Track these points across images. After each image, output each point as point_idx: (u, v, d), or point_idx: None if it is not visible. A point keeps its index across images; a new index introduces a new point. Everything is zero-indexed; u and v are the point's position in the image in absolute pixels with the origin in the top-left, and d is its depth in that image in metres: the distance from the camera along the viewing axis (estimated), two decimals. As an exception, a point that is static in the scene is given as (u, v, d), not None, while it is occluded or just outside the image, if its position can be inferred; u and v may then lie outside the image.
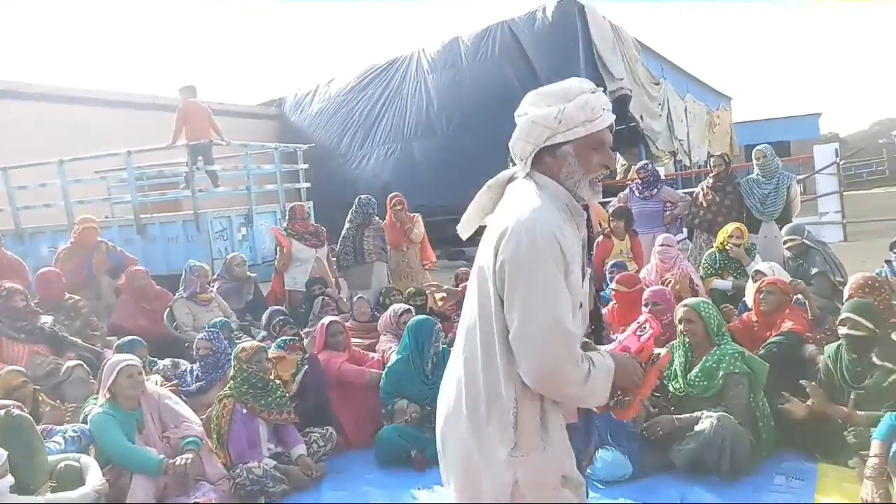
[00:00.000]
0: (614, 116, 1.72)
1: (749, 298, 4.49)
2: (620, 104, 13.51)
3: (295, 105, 17.29)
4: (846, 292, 3.84)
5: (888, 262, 4.66)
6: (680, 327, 3.45)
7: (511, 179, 1.71)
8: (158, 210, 9.22)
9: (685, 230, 6.60)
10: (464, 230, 1.76)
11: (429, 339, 3.91)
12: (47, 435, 3.33)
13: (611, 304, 4.64)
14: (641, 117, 14.20)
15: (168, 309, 5.58)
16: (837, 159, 11.23)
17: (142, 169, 9.27)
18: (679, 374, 3.43)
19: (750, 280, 4.54)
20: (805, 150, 16.64)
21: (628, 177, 18.68)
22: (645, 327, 1.76)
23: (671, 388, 3.47)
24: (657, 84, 15.39)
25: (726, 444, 3.00)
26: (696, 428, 3.12)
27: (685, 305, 3.49)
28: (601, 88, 1.79)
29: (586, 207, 1.73)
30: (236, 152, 9.56)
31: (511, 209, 1.58)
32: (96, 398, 3.78)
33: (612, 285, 4.62)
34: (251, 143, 9.67)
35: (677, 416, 3.26)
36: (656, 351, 1.77)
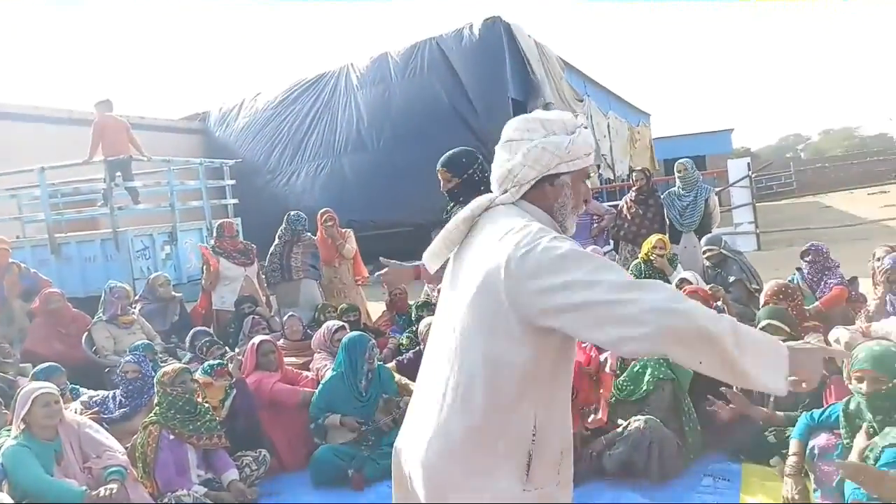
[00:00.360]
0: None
1: None
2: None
3: (220, 119, 16.91)
4: (762, 299, 4.05)
5: (799, 269, 4.94)
6: None
7: (489, 207, 1.61)
8: (74, 229, 8.82)
9: (611, 242, 6.81)
10: (431, 264, 1.65)
11: (362, 356, 3.88)
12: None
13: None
14: None
15: (86, 333, 5.33)
16: (750, 173, 11.87)
17: (56, 186, 8.84)
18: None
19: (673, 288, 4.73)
20: (719, 164, 17.48)
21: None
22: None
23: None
24: (581, 101, 15.89)
25: (654, 447, 3.11)
26: (624, 433, 3.22)
27: None
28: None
29: None
30: (158, 168, 9.25)
31: (505, 231, 1.46)
32: (9, 430, 3.56)
33: None
34: (174, 158, 9.39)
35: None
36: (602, 356, 1.85)
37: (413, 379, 4.23)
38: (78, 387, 4.34)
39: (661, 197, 6.31)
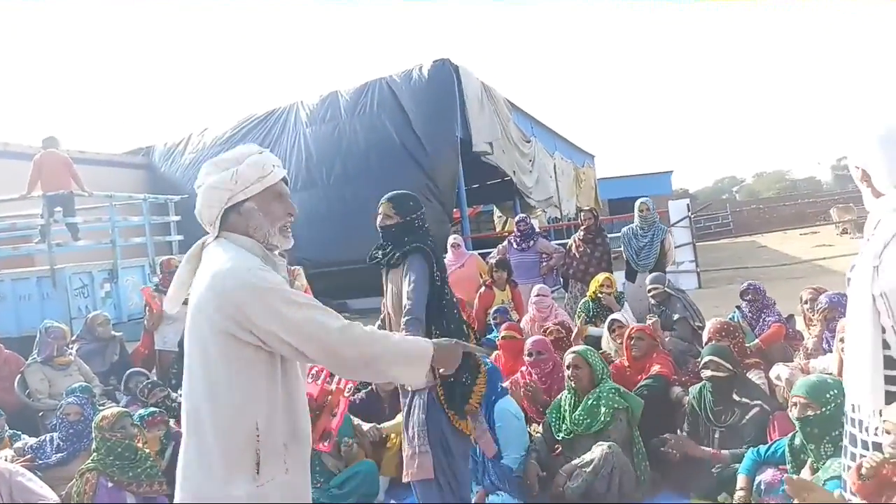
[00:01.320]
0: (285, 171, 1.87)
1: (605, 346, 4.76)
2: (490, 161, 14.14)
3: (166, 154, 16.60)
4: (704, 336, 4.17)
5: (738, 307, 5.11)
6: (568, 372, 3.60)
7: (205, 245, 1.78)
8: (9, 266, 8.43)
9: (561, 280, 6.93)
10: (171, 305, 1.83)
11: None
12: None
13: (495, 353, 4.75)
14: (514, 172, 14.89)
15: (19, 375, 5.06)
16: (690, 213, 12.28)
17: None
18: (567, 416, 3.56)
19: (605, 329, 4.80)
20: (660, 205, 18.05)
21: (505, 229, 19.47)
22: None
23: (558, 432, 3.59)
24: (528, 142, 16.26)
25: (615, 473, 3.14)
26: (587, 457, 3.25)
27: (573, 352, 3.65)
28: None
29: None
30: (100, 203, 8.98)
31: (207, 271, 1.66)
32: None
33: (502, 332, 4.74)
34: (117, 193, 9.14)
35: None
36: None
37: (365, 419, 4.19)
38: (19, 432, 4.13)
39: (616, 236, 6.46)
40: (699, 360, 3.61)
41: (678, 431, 3.54)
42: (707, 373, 3.41)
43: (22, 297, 7.23)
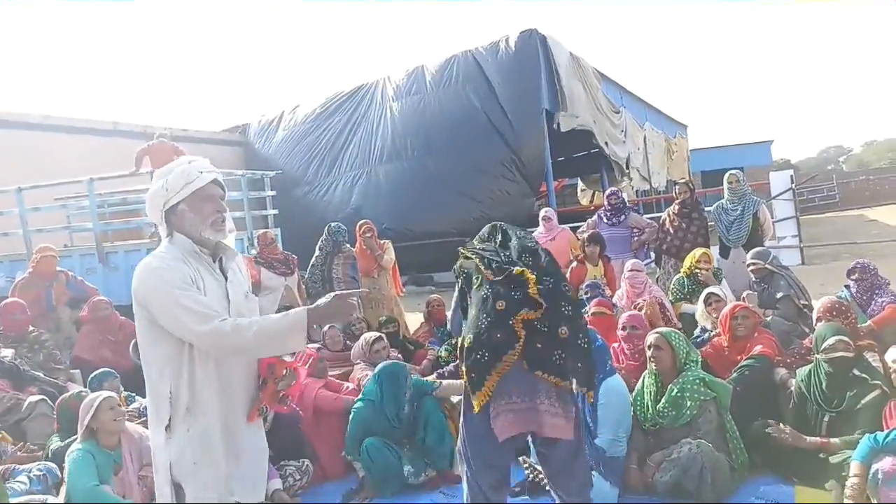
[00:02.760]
0: (216, 174, 2.17)
1: (701, 320, 4.57)
2: (582, 131, 13.82)
3: (260, 131, 17.21)
4: (815, 315, 3.94)
5: (847, 286, 4.79)
6: (648, 353, 3.49)
7: None
8: (121, 238, 9.01)
9: (652, 255, 6.72)
10: None
11: (402, 388, 3.87)
12: (10, 475, 3.19)
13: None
14: (607, 143, 14.51)
15: (134, 340, 5.41)
16: (793, 185, 11.62)
17: (103, 196, 9.06)
18: (650, 404, 3.46)
19: (701, 303, 4.61)
20: (758, 177, 17.17)
21: (592, 203, 19.06)
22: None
23: (644, 422, 3.50)
24: (617, 112, 15.77)
25: (706, 472, 3.01)
26: (674, 455, 3.15)
27: (657, 332, 3.53)
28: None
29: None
30: (202, 179, 9.43)
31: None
32: (59, 436, 3.64)
33: (592, 309, 4.66)
34: (218, 169, 9.55)
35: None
36: None
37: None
38: (133, 394, 4.40)
39: (709, 210, 6.20)
40: (807, 339, 3.41)
41: (782, 415, 3.37)
42: (836, 354, 3.20)
43: (134, 267, 7.67)
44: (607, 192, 7.17)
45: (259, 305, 6.23)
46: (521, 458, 3.58)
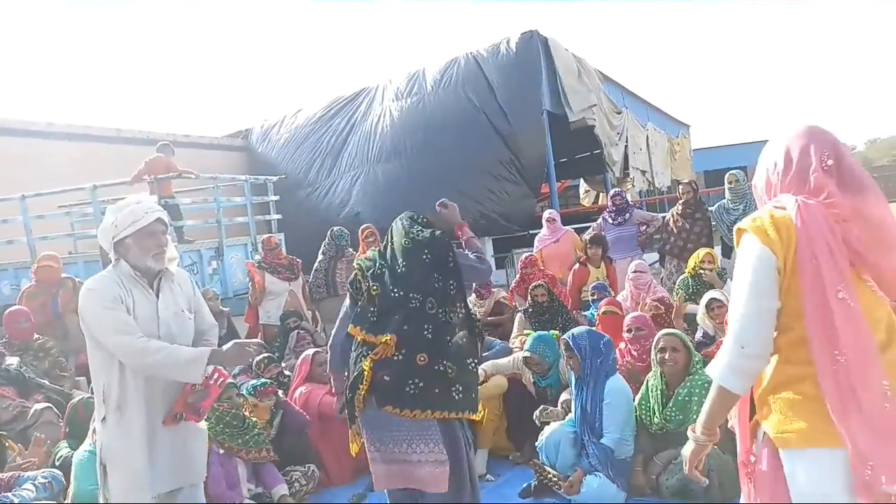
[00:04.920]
0: (159, 213, 2.55)
1: (701, 323, 4.56)
2: (587, 132, 13.81)
3: (262, 136, 17.20)
4: None
5: None
6: (661, 356, 3.47)
7: None
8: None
9: (657, 255, 6.72)
10: None
11: None
12: (15, 483, 3.20)
13: (595, 327, 4.68)
14: (605, 144, 14.49)
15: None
16: (796, 184, 11.57)
17: (107, 203, 9.07)
18: (656, 407, 3.45)
19: (702, 306, 4.59)
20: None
21: (597, 203, 19.02)
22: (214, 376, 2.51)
23: (650, 426, 3.49)
24: (619, 113, 15.74)
25: (713, 474, 2.99)
26: (680, 457, 3.13)
27: (670, 334, 3.51)
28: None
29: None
30: (205, 184, 9.44)
31: None
32: (66, 442, 3.65)
33: (602, 308, 4.66)
34: (221, 175, 9.57)
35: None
36: None
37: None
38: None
39: (711, 210, 6.18)
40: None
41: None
42: None
43: (138, 274, 7.67)
44: (611, 192, 7.18)
45: (264, 310, 6.27)
46: (532, 461, 3.59)
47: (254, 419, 3.79)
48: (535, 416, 3.79)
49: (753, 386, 1.72)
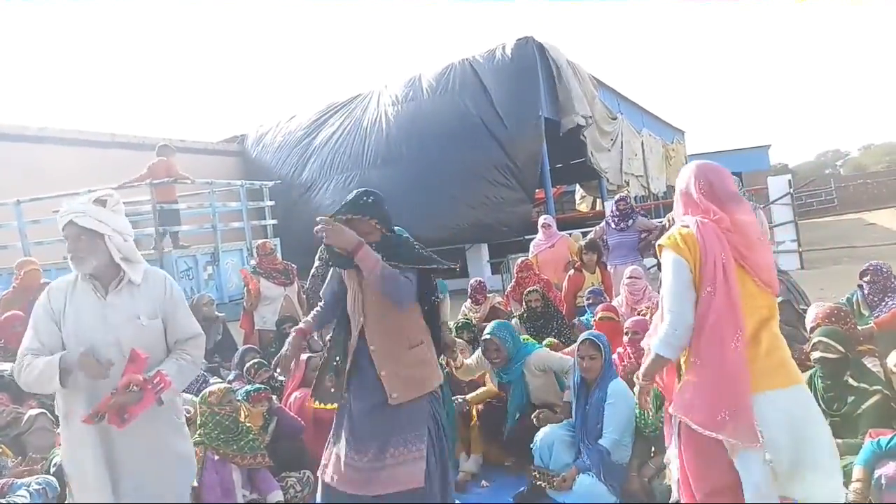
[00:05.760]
0: (70, 216, 2.45)
1: None
2: (580, 138, 13.86)
3: (257, 141, 17.22)
4: (808, 319, 3.93)
5: (860, 286, 4.75)
6: None
7: None
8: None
9: (655, 259, 6.72)
10: None
11: None
12: (10, 490, 3.18)
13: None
14: (591, 153, 14.49)
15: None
16: (790, 190, 11.63)
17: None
18: (651, 412, 3.45)
19: None
20: (756, 182, 17.18)
21: (594, 209, 19.04)
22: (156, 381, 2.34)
23: (644, 428, 3.49)
24: (614, 119, 15.79)
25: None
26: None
27: None
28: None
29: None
30: (201, 190, 9.44)
31: None
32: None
33: (599, 314, 4.66)
34: (216, 180, 9.56)
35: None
36: None
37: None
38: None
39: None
40: (808, 345, 3.41)
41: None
42: (816, 354, 3.22)
43: (133, 278, 7.64)
44: (616, 197, 7.17)
45: (260, 315, 6.24)
46: (528, 467, 3.58)
47: (248, 425, 3.77)
48: (533, 418, 3.78)
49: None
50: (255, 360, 4.71)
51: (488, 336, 4.01)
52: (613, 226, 6.67)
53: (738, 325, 2.18)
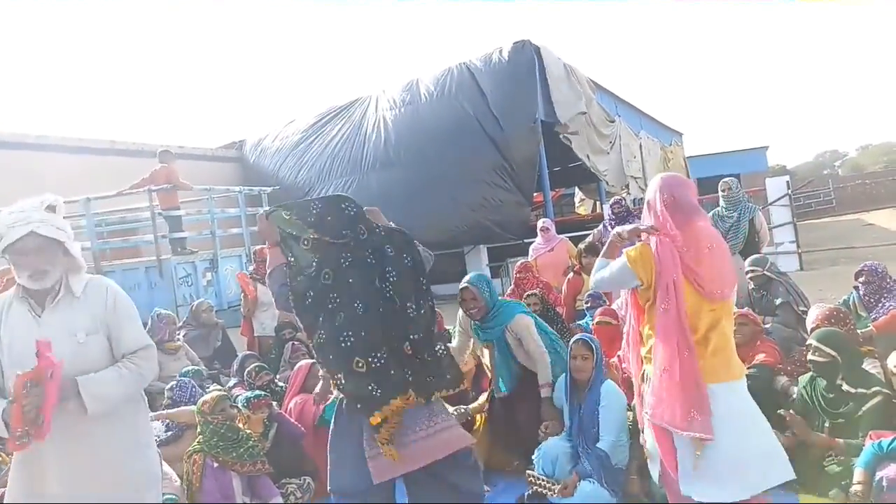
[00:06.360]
0: (30, 227, 2.21)
1: None
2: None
3: (255, 146, 17.22)
4: (808, 322, 3.93)
5: (856, 288, 4.75)
6: None
7: None
8: (119, 257, 9.00)
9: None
10: None
11: None
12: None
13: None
14: (588, 156, 14.49)
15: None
16: (789, 191, 11.64)
17: (101, 215, 9.04)
18: None
19: None
20: (755, 183, 17.21)
21: (594, 212, 19.03)
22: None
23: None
24: (612, 122, 15.80)
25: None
26: None
27: None
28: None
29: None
30: (200, 196, 9.44)
31: None
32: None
33: (596, 318, 4.65)
34: (215, 186, 9.57)
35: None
36: None
37: (450, 403, 4.23)
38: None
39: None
40: (805, 346, 3.41)
41: (785, 423, 3.36)
42: (809, 356, 3.23)
43: (131, 286, 7.68)
44: (611, 200, 7.18)
45: (259, 321, 6.22)
46: (526, 472, 3.57)
47: (248, 431, 3.76)
48: (540, 431, 3.76)
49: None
50: (256, 364, 4.71)
51: (465, 285, 3.87)
52: (610, 229, 6.67)
53: (686, 336, 2.45)
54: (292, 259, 2.63)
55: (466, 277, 3.95)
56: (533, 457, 3.63)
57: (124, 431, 2.37)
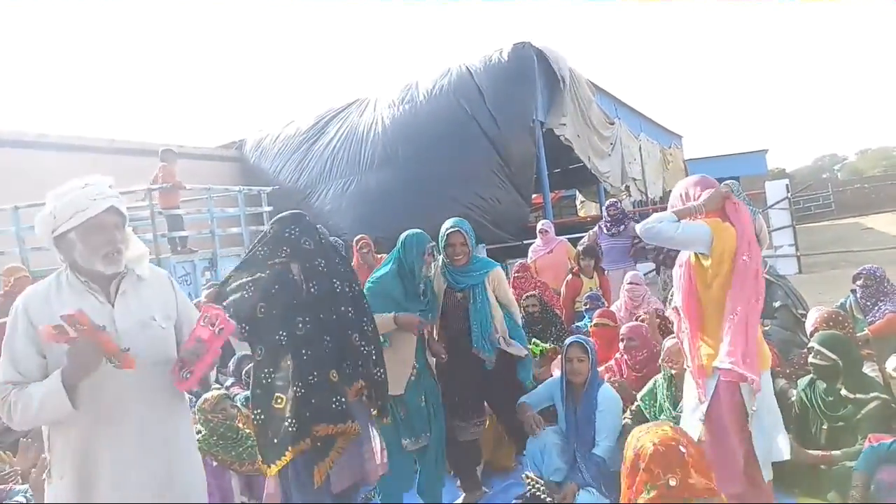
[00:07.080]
0: (111, 201, 2.01)
1: None
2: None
3: (255, 146, 17.20)
4: (808, 324, 3.94)
5: (853, 291, 4.76)
6: (667, 358, 3.49)
7: None
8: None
9: (653, 264, 6.73)
10: None
11: (420, 258, 3.47)
12: (7, 496, 3.17)
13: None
14: (589, 158, 14.50)
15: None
16: (788, 194, 11.65)
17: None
18: (667, 409, 3.45)
19: None
20: (754, 186, 17.20)
21: (592, 213, 19.04)
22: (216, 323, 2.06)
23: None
24: (612, 124, 15.81)
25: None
26: None
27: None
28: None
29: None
30: (199, 195, 9.43)
31: None
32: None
33: (595, 320, 4.64)
34: (214, 186, 9.56)
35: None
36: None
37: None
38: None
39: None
40: (806, 349, 3.41)
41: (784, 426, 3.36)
42: (810, 359, 3.23)
43: (131, 285, 7.63)
44: (606, 203, 7.20)
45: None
46: (524, 474, 3.56)
47: (247, 431, 3.76)
48: (526, 425, 3.73)
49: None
50: (251, 364, 4.69)
51: (455, 228, 3.66)
52: (605, 231, 6.69)
53: (760, 286, 2.64)
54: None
55: (450, 221, 3.76)
56: (524, 451, 3.62)
57: (188, 431, 2.28)
